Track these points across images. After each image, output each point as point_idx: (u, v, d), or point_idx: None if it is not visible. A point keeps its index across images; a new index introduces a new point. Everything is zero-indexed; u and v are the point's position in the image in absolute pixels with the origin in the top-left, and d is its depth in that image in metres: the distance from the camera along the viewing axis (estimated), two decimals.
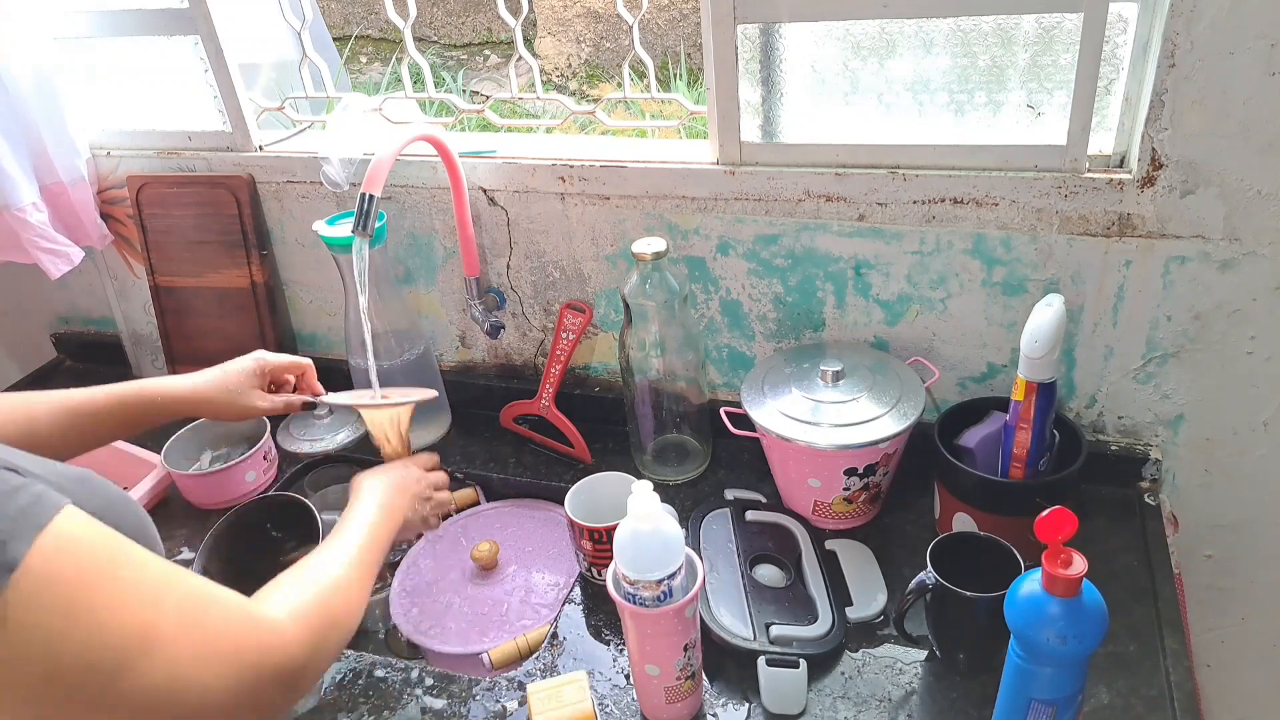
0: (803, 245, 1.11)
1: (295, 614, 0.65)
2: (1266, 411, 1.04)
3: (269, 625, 0.62)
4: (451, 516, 1.03)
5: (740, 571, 0.98)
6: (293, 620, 0.64)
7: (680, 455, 1.19)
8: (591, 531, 1.00)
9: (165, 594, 0.54)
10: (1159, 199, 0.95)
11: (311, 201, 1.31)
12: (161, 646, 0.53)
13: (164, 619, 0.53)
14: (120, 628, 0.51)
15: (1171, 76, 0.89)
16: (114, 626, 0.51)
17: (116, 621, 0.51)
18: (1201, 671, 1.24)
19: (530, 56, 1.20)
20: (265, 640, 0.60)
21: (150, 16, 1.26)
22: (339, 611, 0.70)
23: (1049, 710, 0.72)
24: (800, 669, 0.87)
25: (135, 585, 0.53)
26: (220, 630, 0.57)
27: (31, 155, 1.29)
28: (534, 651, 0.98)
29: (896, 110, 1.03)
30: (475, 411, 1.35)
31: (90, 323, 1.60)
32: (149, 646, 0.52)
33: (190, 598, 0.56)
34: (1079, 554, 0.67)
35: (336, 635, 0.70)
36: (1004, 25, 0.95)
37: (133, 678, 0.51)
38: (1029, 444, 0.94)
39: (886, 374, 1.05)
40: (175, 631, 0.54)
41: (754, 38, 1.03)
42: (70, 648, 0.49)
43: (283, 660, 0.61)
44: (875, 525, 1.08)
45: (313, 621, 0.65)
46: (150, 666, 0.52)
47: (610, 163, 1.14)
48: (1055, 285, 1.03)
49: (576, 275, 1.24)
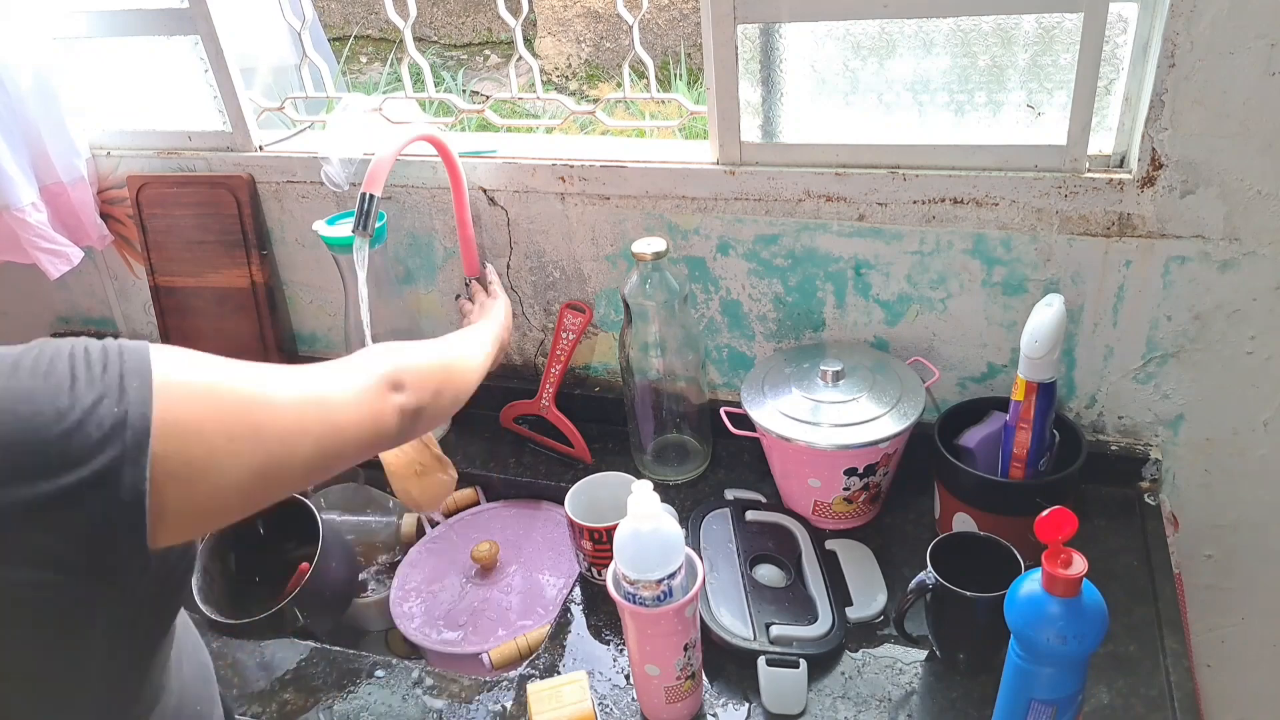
0: (803, 245, 1.11)
1: (426, 360, 0.79)
2: (1266, 411, 1.04)
3: (396, 352, 0.76)
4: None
5: (740, 571, 0.98)
6: (418, 371, 0.76)
7: (680, 455, 1.19)
8: (591, 531, 1.00)
9: (275, 392, 0.62)
10: (1159, 199, 0.95)
11: (311, 201, 1.31)
12: (304, 437, 0.62)
13: (283, 401, 0.61)
14: (248, 419, 0.58)
15: (1171, 76, 0.89)
16: (243, 418, 0.58)
17: (246, 418, 0.58)
18: (1201, 671, 1.24)
19: (530, 56, 1.20)
20: (394, 360, 0.74)
21: (150, 16, 1.26)
22: (454, 377, 0.84)
23: (1049, 710, 0.72)
24: (800, 669, 0.87)
25: (249, 393, 0.59)
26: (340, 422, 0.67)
27: (31, 155, 1.29)
28: (534, 651, 0.98)
29: (896, 110, 1.03)
30: (475, 411, 1.34)
31: (90, 323, 1.60)
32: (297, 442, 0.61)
33: (304, 383, 0.65)
34: (1079, 554, 0.67)
35: (452, 393, 0.83)
36: (1004, 25, 0.95)
37: (301, 458, 0.61)
38: (1029, 444, 0.94)
39: (886, 374, 1.05)
40: (297, 419, 0.62)
41: (754, 38, 1.03)
42: (213, 453, 0.55)
43: (409, 375, 0.74)
44: (875, 525, 1.08)
45: (435, 376, 0.78)
46: (299, 451, 0.61)
47: (610, 163, 1.14)
48: (1055, 285, 1.03)
49: (576, 275, 1.24)
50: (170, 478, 0.52)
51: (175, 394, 0.54)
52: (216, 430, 0.55)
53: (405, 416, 0.72)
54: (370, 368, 0.71)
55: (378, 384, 0.71)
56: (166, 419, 0.52)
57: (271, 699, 0.93)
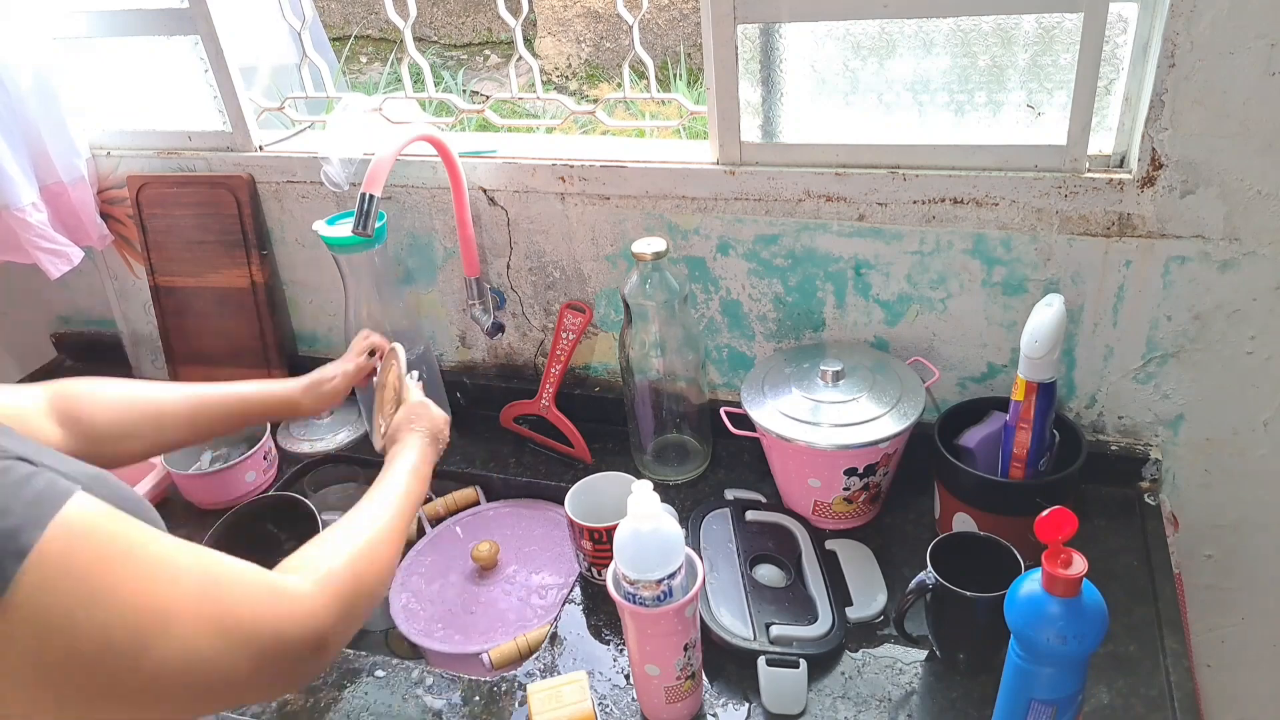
0: (803, 245, 1.11)
1: (321, 581, 0.63)
2: (1266, 411, 1.04)
3: (290, 596, 0.60)
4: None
5: (740, 571, 0.98)
6: (318, 588, 0.62)
7: (680, 455, 1.19)
8: (591, 531, 1.00)
9: (182, 572, 0.54)
10: (1159, 199, 0.95)
11: (311, 201, 1.31)
12: (180, 624, 0.52)
13: (182, 596, 0.53)
14: (137, 608, 0.51)
15: (1171, 76, 0.89)
16: (131, 606, 0.51)
17: (134, 601, 0.51)
18: (1201, 671, 1.24)
19: (530, 56, 1.20)
20: (286, 611, 0.59)
21: (150, 16, 1.26)
22: (367, 576, 0.68)
23: (1049, 710, 0.72)
24: (800, 669, 0.87)
25: (151, 565, 0.53)
26: (240, 604, 0.56)
27: (31, 155, 1.29)
28: (534, 651, 0.98)
29: (896, 110, 1.03)
30: (475, 411, 1.35)
31: (90, 323, 1.60)
32: (167, 625, 0.52)
33: (208, 574, 0.56)
34: (1079, 554, 0.67)
35: (365, 601, 0.68)
36: (1004, 25, 0.95)
37: (154, 655, 0.51)
38: (1029, 444, 0.94)
39: (886, 374, 1.05)
40: (194, 608, 0.53)
41: (754, 38, 1.03)
42: (88, 630, 0.49)
43: (306, 631, 0.60)
44: (875, 525, 1.08)
45: (341, 588, 0.64)
46: (169, 644, 0.52)
47: (610, 163, 1.14)
48: (1055, 285, 1.03)
49: (576, 275, 1.24)
50: (26, 622, 0.47)
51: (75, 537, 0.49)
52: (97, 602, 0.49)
53: (318, 664, 0.62)
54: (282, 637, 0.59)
55: (290, 656, 0.59)
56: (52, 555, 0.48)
57: (271, 699, 0.93)
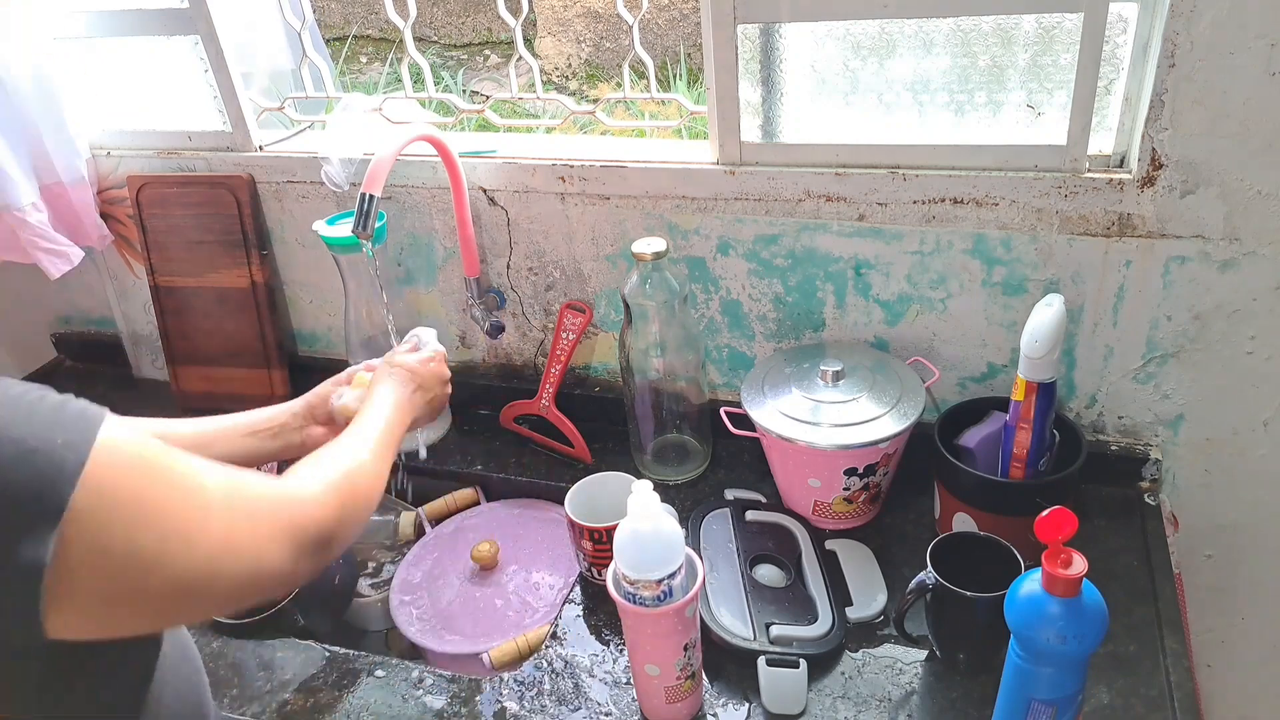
0: (803, 245, 1.11)
1: (324, 484, 0.71)
2: (1266, 411, 1.04)
3: (301, 495, 0.68)
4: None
5: (740, 571, 0.98)
6: (322, 489, 0.70)
7: (680, 455, 1.19)
8: (592, 531, 1.00)
9: (209, 480, 0.60)
10: (1159, 199, 0.95)
11: (311, 201, 1.31)
12: (215, 522, 0.58)
13: (213, 500, 0.59)
14: (182, 514, 0.56)
15: (1171, 76, 0.89)
16: (174, 513, 0.55)
17: (176, 509, 0.56)
18: (1201, 671, 1.24)
19: (530, 56, 1.20)
20: (300, 508, 0.67)
21: (150, 16, 1.26)
22: (361, 486, 0.76)
23: (1049, 710, 0.72)
24: (800, 669, 0.87)
25: (184, 475, 0.58)
26: (260, 503, 0.64)
27: (31, 155, 1.29)
28: (534, 651, 0.98)
29: (896, 110, 1.03)
30: (475, 411, 1.35)
31: (90, 323, 1.60)
32: (206, 524, 0.58)
33: (228, 484, 0.61)
34: (1079, 554, 0.67)
35: (361, 505, 0.75)
36: (1004, 25, 0.95)
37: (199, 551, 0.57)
38: (1029, 444, 0.94)
39: (886, 374, 1.05)
40: (224, 507, 0.59)
41: (754, 38, 1.03)
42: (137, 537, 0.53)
43: (316, 523, 0.67)
44: (875, 525, 1.08)
45: (340, 491, 0.72)
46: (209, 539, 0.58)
47: (610, 163, 1.14)
48: (1055, 285, 1.03)
49: (576, 275, 1.24)
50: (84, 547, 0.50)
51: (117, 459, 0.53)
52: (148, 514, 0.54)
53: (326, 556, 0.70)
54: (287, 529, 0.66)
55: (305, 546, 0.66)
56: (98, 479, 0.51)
57: (271, 699, 0.93)
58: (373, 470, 0.79)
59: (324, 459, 0.76)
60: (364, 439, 0.82)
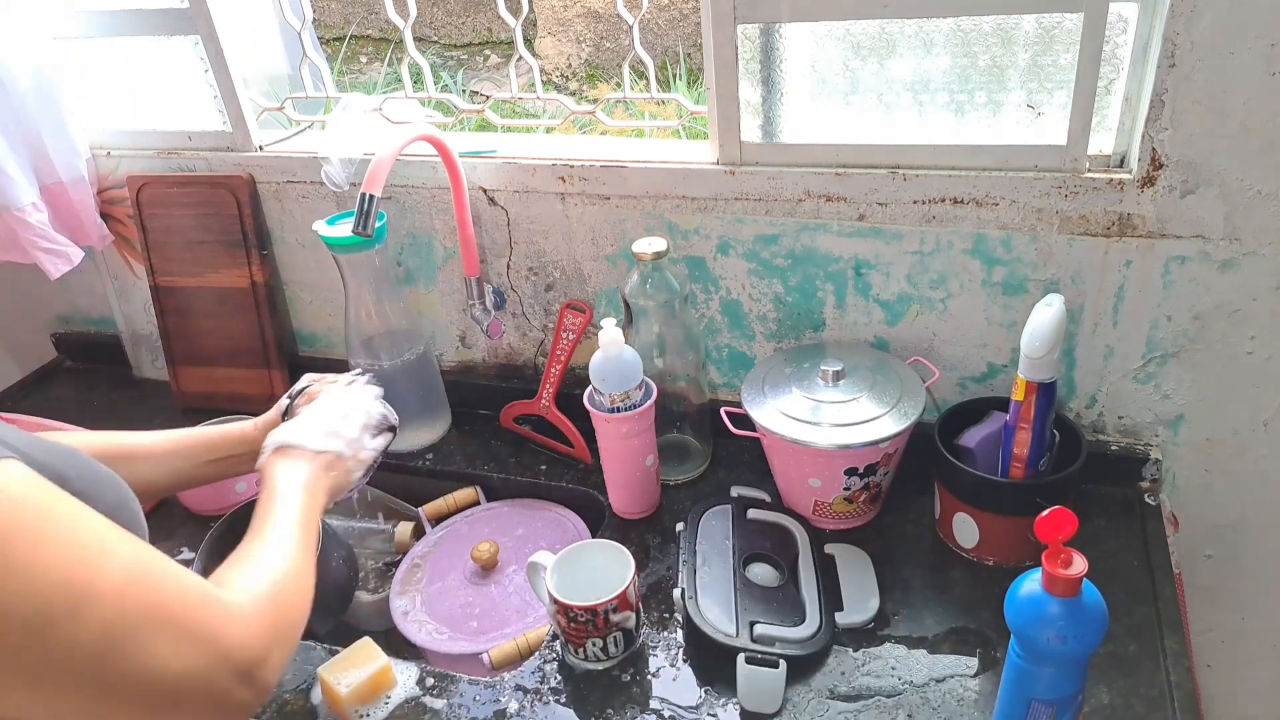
0: (803, 245, 1.11)
1: (254, 600, 0.62)
2: (1266, 411, 1.04)
3: (226, 605, 0.59)
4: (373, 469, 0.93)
5: (733, 568, 0.98)
6: (252, 606, 0.61)
7: (681, 455, 1.19)
8: (568, 609, 0.89)
9: (108, 555, 0.53)
10: (1159, 199, 0.95)
11: (311, 201, 1.31)
12: (99, 604, 0.51)
13: (102, 578, 0.52)
14: (51, 581, 0.50)
15: (1171, 76, 0.89)
16: (44, 580, 0.49)
17: (47, 575, 0.49)
18: (1201, 671, 1.24)
19: (530, 56, 1.20)
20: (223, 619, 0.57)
21: (150, 16, 1.26)
22: (294, 604, 0.67)
23: (1049, 710, 0.72)
24: (779, 669, 0.87)
25: (69, 541, 0.51)
26: (173, 599, 0.55)
27: (31, 155, 1.29)
28: (534, 651, 0.98)
29: (897, 110, 1.03)
30: (475, 411, 1.35)
31: (90, 323, 1.60)
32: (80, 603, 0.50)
33: (140, 563, 0.54)
34: (1079, 554, 0.67)
35: (293, 630, 0.67)
36: (1004, 25, 0.95)
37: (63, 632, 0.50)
38: (1029, 444, 0.94)
39: (887, 374, 1.05)
40: (117, 590, 0.52)
41: (754, 38, 1.03)
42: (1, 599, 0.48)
43: (242, 643, 0.58)
44: (875, 525, 1.08)
45: (270, 612, 0.63)
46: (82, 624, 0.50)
47: (610, 163, 1.14)
48: (1055, 285, 1.03)
49: (576, 275, 1.24)
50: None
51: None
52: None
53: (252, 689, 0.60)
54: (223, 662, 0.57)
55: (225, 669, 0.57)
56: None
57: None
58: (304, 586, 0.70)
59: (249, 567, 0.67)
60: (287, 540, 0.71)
